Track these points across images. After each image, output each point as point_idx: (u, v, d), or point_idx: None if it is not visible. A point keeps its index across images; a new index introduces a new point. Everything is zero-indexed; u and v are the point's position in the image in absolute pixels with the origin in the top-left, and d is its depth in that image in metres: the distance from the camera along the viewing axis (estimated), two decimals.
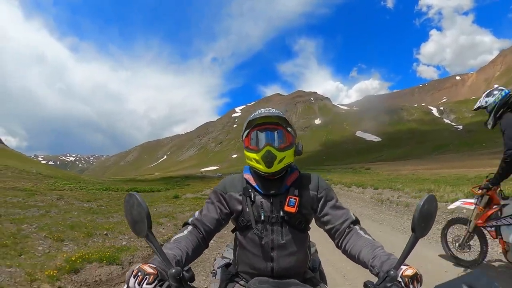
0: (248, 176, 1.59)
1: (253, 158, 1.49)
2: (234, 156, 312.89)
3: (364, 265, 1.30)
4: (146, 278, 1.00)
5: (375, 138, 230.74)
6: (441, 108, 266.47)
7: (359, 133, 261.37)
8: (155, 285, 1.00)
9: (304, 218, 1.52)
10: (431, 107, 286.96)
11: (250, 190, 1.53)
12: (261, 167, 1.46)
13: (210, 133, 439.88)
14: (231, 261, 1.78)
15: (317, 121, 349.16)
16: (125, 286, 1.02)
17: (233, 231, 1.64)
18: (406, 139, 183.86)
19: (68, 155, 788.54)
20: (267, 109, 1.52)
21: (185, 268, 1.06)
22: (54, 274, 3.95)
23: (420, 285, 1.06)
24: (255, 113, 1.52)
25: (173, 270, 0.99)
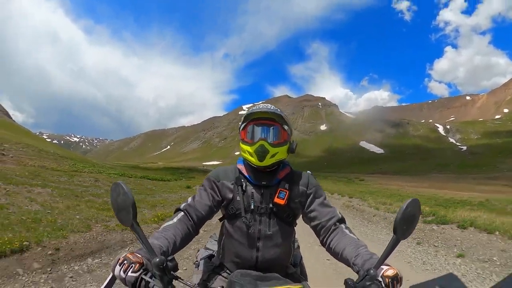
0: (241, 167, 1.63)
1: (247, 151, 1.53)
2: (237, 153, 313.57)
3: (347, 262, 1.33)
4: (132, 266, 1.02)
5: (378, 150, 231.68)
6: (448, 126, 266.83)
7: (363, 143, 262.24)
8: (140, 274, 1.02)
9: (292, 212, 1.57)
10: (438, 125, 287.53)
11: (242, 180, 1.56)
12: (253, 159, 1.51)
13: (216, 128, 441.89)
14: (214, 253, 1.82)
15: (323, 127, 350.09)
16: (111, 274, 1.05)
17: (221, 219, 1.67)
18: (409, 154, 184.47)
19: (72, 135, 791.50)
20: (266, 105, 1.56)
21: (169, 258, 1.06)
22: (155, 219, 8.41)
23: (400, 286, 1.07)
24: (254, 108, 1.56)
25: (157, 259, 1.00)
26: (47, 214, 6.84)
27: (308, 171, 1.74)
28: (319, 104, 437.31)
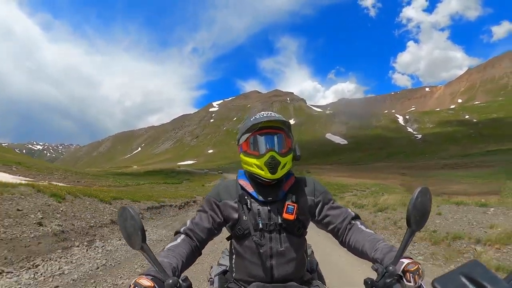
0: (243, 182, 1.54)
1: (254, 164, 1.43)
2: (210, 151, 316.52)
3: (368, 258, 1.31)
4: None
5: (342, 141, 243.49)
6: (407, 117, 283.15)
7: (328, 135, 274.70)
8: None
9: (302, 224, 1.50)
10: (398, 116, 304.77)
11: (246, 197, 1.48)
12: (264, 173, 1.41)
13: (187, 127, 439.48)
14: (227, 268, 1.73)
15: (291, 121, 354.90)
16: None
17: (228, 238, 1.61)
18: (369, 144, 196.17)
19: (34, 143, 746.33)
20: (269, 112, 1.48)
21: (182, 278, 1.07)
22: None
23: (422, 280, 1.04)
24: (257, 117, 1.47)
25: (170, 281, 1.00)
26: None
27: (311, 177, 1.64)
28: (288, 99, 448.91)
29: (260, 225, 1.43)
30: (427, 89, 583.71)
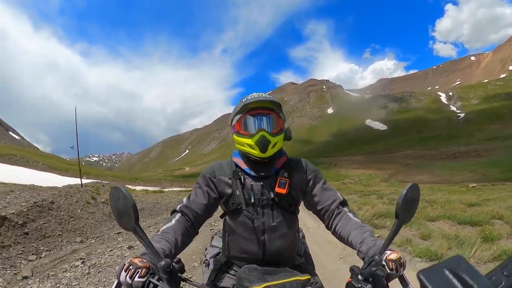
0: (237, 160, 1.59)
1: (245, 143, 1.48)
2: None
3: (353, 247, 1.35)
4: (138, 271, 1.01)
5: (382, 127, 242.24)
6: (450, 93, 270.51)
7: (368, 122, 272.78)
8: (147, 278, 1.01)
9: (294, 200, 1.53)
10: (440, 93, 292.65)
11: (240, 173, 1.52)
12: (255, 152, 1.46)
13: (229, 126, 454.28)
14: (220, 250, 1.78)
15: (330, 110, 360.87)
16: (116, 281, 1.03)
17: (222, 216, 1.64)
18: (408, 128, 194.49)
19: (91, 155, 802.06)
20: (260, 94, 1.51)
21: (175, 260, 1.06)
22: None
23: (404, 269, 1.11)
24: (248, 98, 1.50)
25: (163, 263, 0.99)
26: None
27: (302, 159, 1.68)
28: (324, 87, 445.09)
29: (253, 200, 1.46)
30: (472, 57, 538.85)
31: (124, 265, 1.02)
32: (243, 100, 1.52)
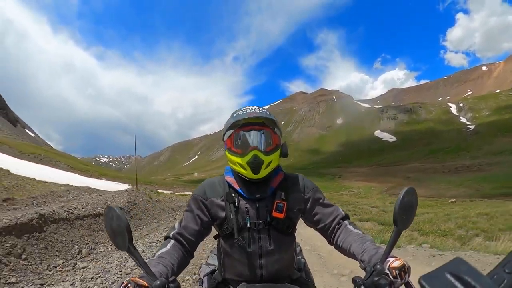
0: (230, 179, 1.49)
1: (237, 163, 1.39)
2: None
3: (355, 258, 1.31)
4: None
5: (391, 138, 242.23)
6: (461, 105, 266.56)
7: (377, 133, 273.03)
8: None
9: (292, 222, 1.46)
10: (451, 104, 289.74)
11: (233, 195, 1.43)
12: (246, 173, 1.38)
13: None
14: (216, 267, 1.71)
15: (339, 121, 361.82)
16: None
17: (215, 237, 1.55)
18: (417, 140, 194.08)
19: (101, 156, 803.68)
20: (253, 107, 1.43)
21: (171, 279, 1.07)
22: None
23: (408, 276, 1.07)
24: (240, 112, 1.41)
25: (158, 282, 1.00)
26: None
27: (301, 174, 1.59)
28: (334, 97, 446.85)
29: (248, 224, 1.38)
30: (484, 67, 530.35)
31: (123, 283, 1.02)
32: (235, 114, 1.43)
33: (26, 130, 78.48)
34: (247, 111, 1.40)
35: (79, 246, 6.30)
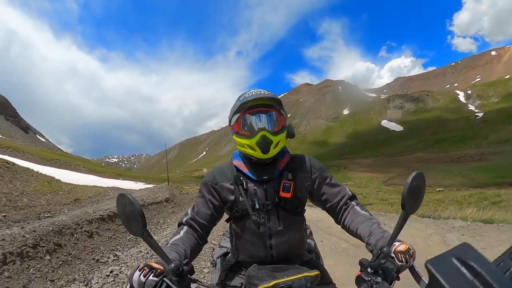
0: (238, 163, 1.53)
1: (246, 144, 1.41)
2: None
3: (362, 240, 1.33)
4: (152, 271, 1.04)
5: (398, 128, 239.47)
6: (469, 92, 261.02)
7: (384, 123, 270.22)
8: (161, 278, 1.04)
9: (300, 201, 1.49)
10: (458, 92, 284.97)
11: (241, 178, 1.47)
12: (256, 153, 1.41)
13: None
14: (229, 250, 1.77)
15: (345, 111, 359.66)
16: (128, 285, 1.06)
17: (227, 220, 1.60)
18: (424, 129, 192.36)
19: (110, 156, 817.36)
20: (258, 90, 1.43)
21: (184, 262, 1.10)
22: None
23: (413, 260, 1.11)
24: (246, 95, 1.43)
25: (172, 265, 1.03)
26: None
27: (307, 154, 1.62)
28: (339, 88, 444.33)
29: (257, 205, 1.42)
30: (493, 52, 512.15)
31: (139, 265, 1.06)
32: (241, 98, 1.44)
33: (38, 136, 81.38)
34: (253, 93, 1.41)
35: (157, 219, 10.04)
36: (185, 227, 1.44)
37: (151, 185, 28.01)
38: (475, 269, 0.48)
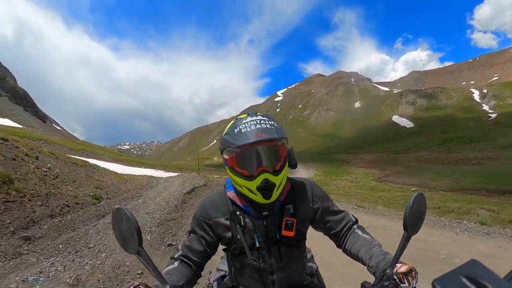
0: (233, 195, 1.39)
1: (245, 186, 1.26)
2: None
3: (363, 263, 1.28)
4: None
5: (408, 124, 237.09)
6: (484, 91, 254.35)
7: (395, 118, 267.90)
8: None
9: (302, 234, 1.41)
10: (474, 90, 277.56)
11: (238, 213, 1.34)
12: (257, 198, 1.28)
13: None
14: (226, 273, 1.66)
15: (357, 104, 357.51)
16: None
17: (224, 250, 1.48)
18: (434, 128, 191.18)
19: (122, 143, 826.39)
20: (258, 120, 1.25)
21: (180, 284, 1.07)
22: None
23: (416, 281, 1.06)
24: (243, 129, 1.22)
25: (168, 286, 1.00)
26: None
27: (309, 180, 1.51)
28: (352, 80, 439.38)
29: (257, 244, 1.31)
30: None
31: (133, 284, 1.00)
32: (236, 130, 1.24)
33: (54, 125, 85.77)
34: (253, 129, 1.21)
35: (206, 194, 13.56)
36: (177, 262, 1.35)
37: (173, 173, 31.84)
38: (486, 286, 0.46)
